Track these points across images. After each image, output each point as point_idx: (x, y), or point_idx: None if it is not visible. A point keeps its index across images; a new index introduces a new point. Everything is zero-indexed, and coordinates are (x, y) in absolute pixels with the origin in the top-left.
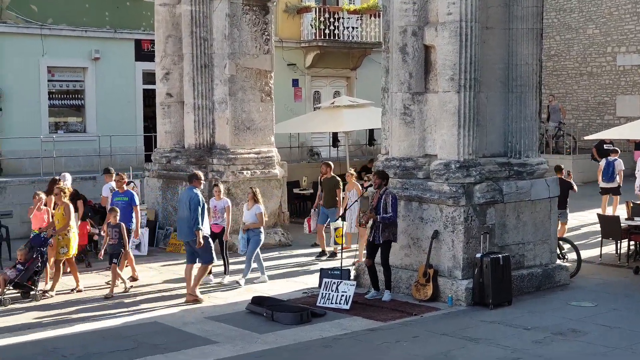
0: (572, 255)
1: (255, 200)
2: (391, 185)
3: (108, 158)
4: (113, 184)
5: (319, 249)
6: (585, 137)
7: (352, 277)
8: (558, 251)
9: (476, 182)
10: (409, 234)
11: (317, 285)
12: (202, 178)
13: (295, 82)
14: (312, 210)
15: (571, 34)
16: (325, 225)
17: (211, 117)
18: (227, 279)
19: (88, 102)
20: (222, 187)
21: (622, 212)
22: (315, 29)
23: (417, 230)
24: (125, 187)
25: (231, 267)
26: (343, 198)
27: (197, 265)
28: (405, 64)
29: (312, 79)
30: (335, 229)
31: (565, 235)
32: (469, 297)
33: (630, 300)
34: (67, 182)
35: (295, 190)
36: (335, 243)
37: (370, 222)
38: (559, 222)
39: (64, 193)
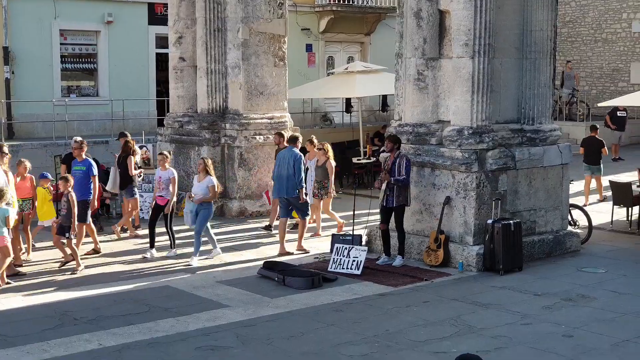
0: (584, 222)
1: (207, 172)
2: (403, 151)
3: (120, 122)
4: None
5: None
6: (599, 104)
7: (363, 243)
8: (569, 218)
9: (489, 148)
10: (421, 200)
11: (328, 251)
12: (300, 139)
13: (309, 47)
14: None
15: (586, 0)
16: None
17: (224, 82)
18: (173, 252)
19: (101, 66)
20: (169, 155)
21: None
22: None
23: (429, 196)
24: (83, 156)
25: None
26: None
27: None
28: (419, 29)
29: (326, 44)
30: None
31: (577, 202)
32: (479, 262)
33: None
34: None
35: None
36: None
37: (384, 185)
38: (593, 176)
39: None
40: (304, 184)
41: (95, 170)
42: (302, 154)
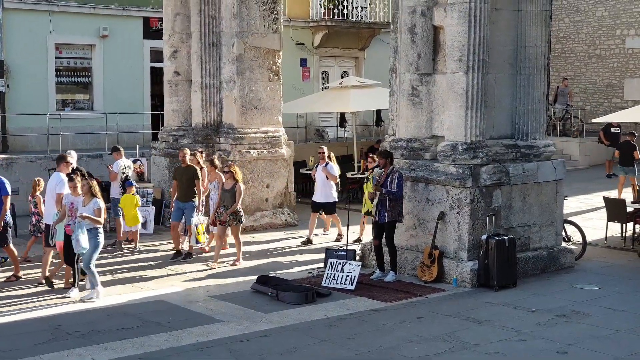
0: (578, 238)
1: (93, 194)
2: (397, 166)
3: (115, 136)
4: (122, 161)
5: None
6: (593, 120)
7: (357, 258)
8: (563, 234)
9: (483, 163)
10: (415, 215)
11: (322, 266)
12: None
13: (303, 62)
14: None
15: (580, 17)
16: (180, 222)
17: (219, 96)
18: (74, 293)
19: (95, 80)
20: (80, 181)
21: (628, 195)
22: (324, 9)
23: (423, 211)
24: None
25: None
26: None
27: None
28: (413, 45)
29: (320, 58)
30: (197, 226)
31: (572, 218)
32: (473, 278)
33: (634, 283)
34: (72, 159)
35: (302, 170)
36: (197, 242)
37: (376, 200)
38: (628, 176)
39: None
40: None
41: (8, 189)
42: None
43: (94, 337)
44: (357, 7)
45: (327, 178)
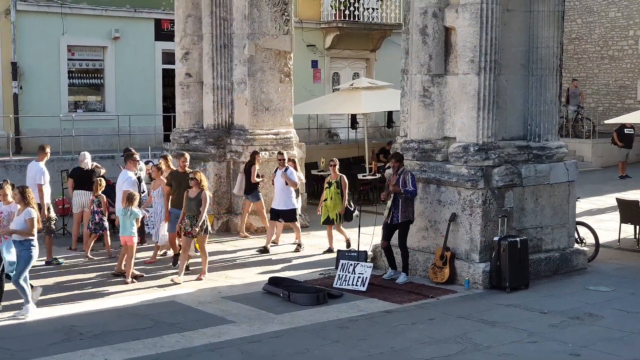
0: (590, 240)
1: (25, 203)
2: (409, 167)
3: (127, 137)
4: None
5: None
6: (606, 121)
7: (369, 259)
8: (576, 235)
9: (495, 165)
10: (427, 217)
11: (334, 267)
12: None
13: (314, 63)
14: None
15: (593, 17)
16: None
17: (230, 98)
18: (30, 309)
19: (107, 82)
20: (8, 188)
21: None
22: (335, 10)
23: (434, 212)
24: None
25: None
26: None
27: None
28: (425, 46)
29: (332, 60)
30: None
31: (584, 219)
32: (485, 280)
33: None
34: (86, 160)
35: (314, 172)
36: (196, 250)
37: (389, 202)
38: None
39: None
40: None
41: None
42: None
43: (106, 337)
44: (368, 9)
45: (287, 184)
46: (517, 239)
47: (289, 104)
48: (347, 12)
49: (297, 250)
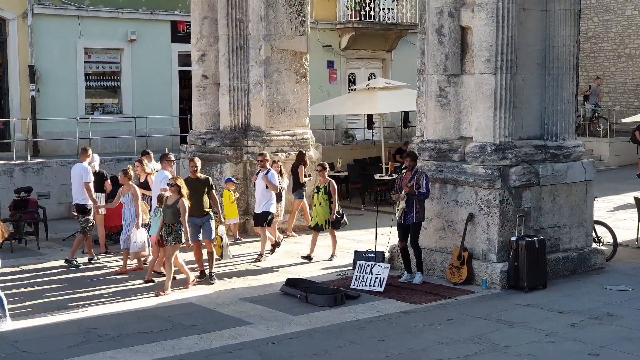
0: (608, 239)
1: None
2: (425, 167)
3: (144, 139)
4: (152, 164)
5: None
6: (623, 120)
7: (386, 260)
8: (594, 235)
9: (512, 164)
10: (444, 217)
11: (351, 268)
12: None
13: (330, 64)
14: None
15: (609, 15)
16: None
17: (246, 99)
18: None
19: (124, 84)
20: None
21: None
22: (351, 10)
23: (451, 213)
24: None
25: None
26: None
27: None
28: (441, 46)
29: (347, 60)
30: (221, 237)
31: (602, 218)
32: (503, 280)
33: None
34: (95, 163)
35: (330, 172)
36: (220, 256)
37: (402, 203)
38: None
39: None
40: None
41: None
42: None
43: (124, 339)
44: (383, 9)
45: (267, 187)
46: (535, 238)
47: (305, 104)
48: (362, 12)
49: (257, 260)
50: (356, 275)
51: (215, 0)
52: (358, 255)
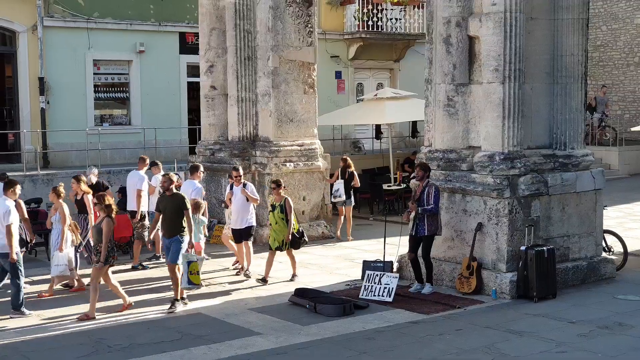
0: (619, 248)
1: None
2: (434, 177)
3: (153, 150)
4: (161, 175)
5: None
6: (632, 129)
7: (394, 270)
8: (603, 244)
9: (521, 174)
10: (453, 227)
11: (359, 278)
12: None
13: (338, 74)
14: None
15: (618, 24)
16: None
17: (254, 110)
18: None
19: (133, 95)
20: None
21: None
22: (359, 21)
23: (460, 222)
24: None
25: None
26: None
27: None
28: (449, 55)
29: (355, 70)
30: (189, 263)
31: (612, 227)
32: (513, 290)
33: None
34: (90, 176)
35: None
36: (190, 283)
37: (412, 214)
38: None
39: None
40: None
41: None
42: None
43: (134, 350)
44: (391, 19)
45: (247, 200)
46: (544, 248)
47: (313, 115)
48: (370, 22)
49: (238, 274)
50: (365, 285)
51: (223, 11)
52: (367, 265)
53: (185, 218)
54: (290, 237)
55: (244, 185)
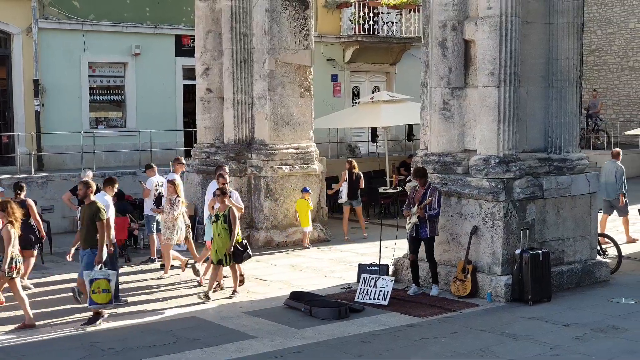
0: (613, 252)
1: None
2: (429, 181)
3: (148, 153)
4: (156, 178)
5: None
6: (626, 132)
7: (390, 273)
8: (598, 247)
9: (516, 177)
10: (448, 230)
11: (355, 281)
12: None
13: (334, 77)
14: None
15: (612, 29)
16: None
17: (250, 113)
18: None
19: (128, 98)
20: None
21: None
22: (355, 24)
23: (455, 225)
24: None
25: None
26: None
27: None
28: (444, 59)
29: (351, 74)
30: (91, 282)
31: (606, 231)
32: (508, 293)
33: None
34: (85, 178)
35: (334, 186)
36: (92, 303)
37: (414, 218)
38: None
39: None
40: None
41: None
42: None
43: (128, 353)
44: (387, 22)
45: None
46: (539, 251)
47: (309, 118)
48: (366, 26)
49: (232, 296)
50: (360, 289)
51: (220, 14)
52: (362, 268)
53: (98, 229)
54: (232, 250)
55: (230, 194)
